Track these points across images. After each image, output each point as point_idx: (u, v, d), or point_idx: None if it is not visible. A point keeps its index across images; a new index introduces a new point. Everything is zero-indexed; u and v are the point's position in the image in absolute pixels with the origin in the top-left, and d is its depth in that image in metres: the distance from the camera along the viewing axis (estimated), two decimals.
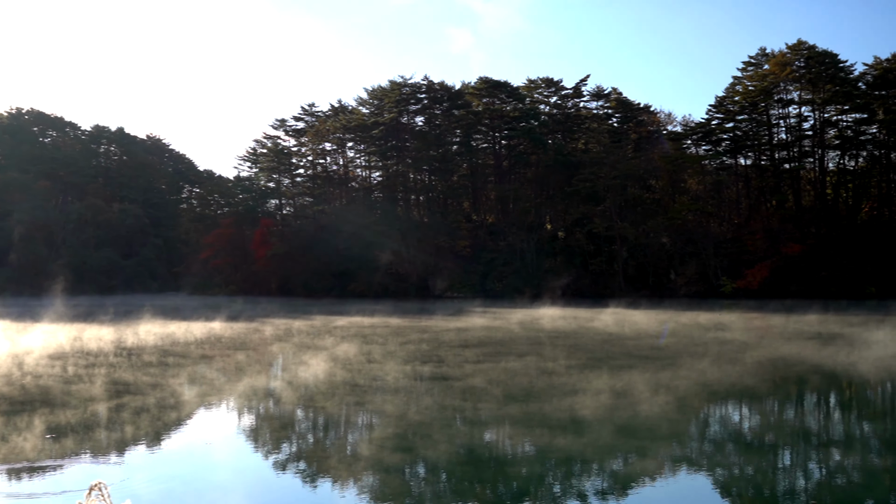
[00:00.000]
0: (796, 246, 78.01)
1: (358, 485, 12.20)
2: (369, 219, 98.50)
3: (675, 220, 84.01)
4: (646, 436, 15.54)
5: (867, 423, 17.79)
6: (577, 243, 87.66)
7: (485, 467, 13.27)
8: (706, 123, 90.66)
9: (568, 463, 13.60)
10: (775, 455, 14.47)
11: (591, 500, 11.56)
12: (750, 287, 76.65)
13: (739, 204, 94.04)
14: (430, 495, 11.92)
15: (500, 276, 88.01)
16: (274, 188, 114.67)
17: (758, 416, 18.60)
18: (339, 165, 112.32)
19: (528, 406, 18.76)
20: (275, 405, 19.31)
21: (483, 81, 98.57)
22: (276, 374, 24.77)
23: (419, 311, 62.62)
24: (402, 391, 21.03)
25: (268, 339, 37.18)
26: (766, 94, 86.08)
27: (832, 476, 13.07)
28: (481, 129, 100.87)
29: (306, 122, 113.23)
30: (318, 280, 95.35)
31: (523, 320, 49.31)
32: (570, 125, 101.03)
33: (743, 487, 12.29)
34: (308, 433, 16.72)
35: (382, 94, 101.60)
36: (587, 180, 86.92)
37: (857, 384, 22.82)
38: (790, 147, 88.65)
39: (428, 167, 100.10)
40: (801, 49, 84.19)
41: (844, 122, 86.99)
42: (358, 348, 31.71)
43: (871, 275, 75.43)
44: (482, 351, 31.03)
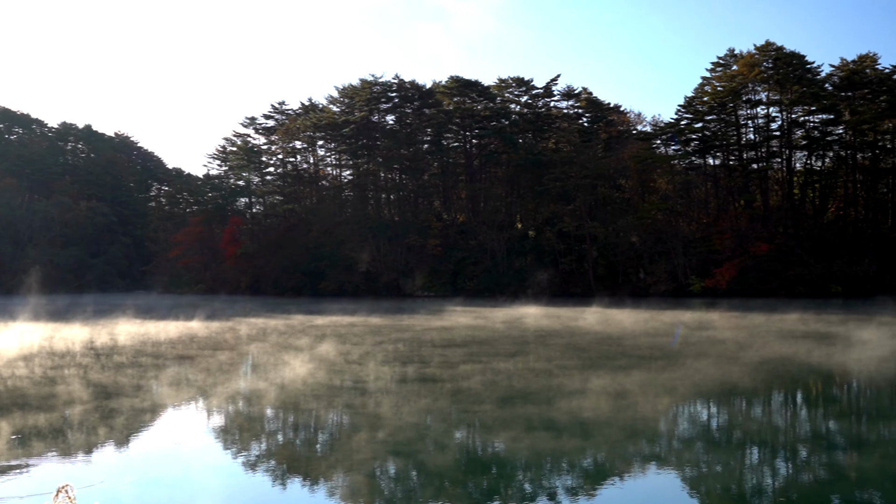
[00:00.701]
0: (764, 245, 78.77)
1: (346, 492, 12.03)
2: (340, 217, 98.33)
3: (644, 220, 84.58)
4: (675, 442, 15.21)
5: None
6: (548, 242, 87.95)
7: (490, 476, 12.79)
8: (675, 123, 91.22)
9: (588, 472, 13.20)
10: (821, 458, 14.15)
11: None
12: (718, 286, 77.34)
13: (708, 204, 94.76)
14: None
15: (470, 275, 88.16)
16: (244, 186, 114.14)
17: (790, 418, 18.26)
18: (309, 164, 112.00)
19: (534, 409, 18.27)
20: (260, 407, 18.91)
21: (454, 80, 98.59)
22: (263, 376, 23.87)
23: (397, 310, 62.30)
24: (393, 394, 20.50)
25: (249, 338, 36.77)
26: (734, 95, 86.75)
27: (863, 477, 12.88)
28: (452, 129, 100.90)
29: (276, 120, 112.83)
30: (287, 279, 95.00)
31: (506, 319, 49.08)
32: (540, 124, 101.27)
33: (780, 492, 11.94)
34: (294, 437, 16.25)
35: (353, 93, 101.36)
36: (557, 179, 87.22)
37: (872, 385, 22.65)
38: (758, 147, 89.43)
39: (399, 166, 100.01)
40: (769, 50, 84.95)
41: (811, 123, 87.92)
42: (342, 348, 31.28)
43: (837, 274, 76.38)
44: (470, 350, 30.69)
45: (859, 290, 75.73)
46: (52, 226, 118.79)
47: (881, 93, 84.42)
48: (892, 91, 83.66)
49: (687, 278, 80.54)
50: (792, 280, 76.80)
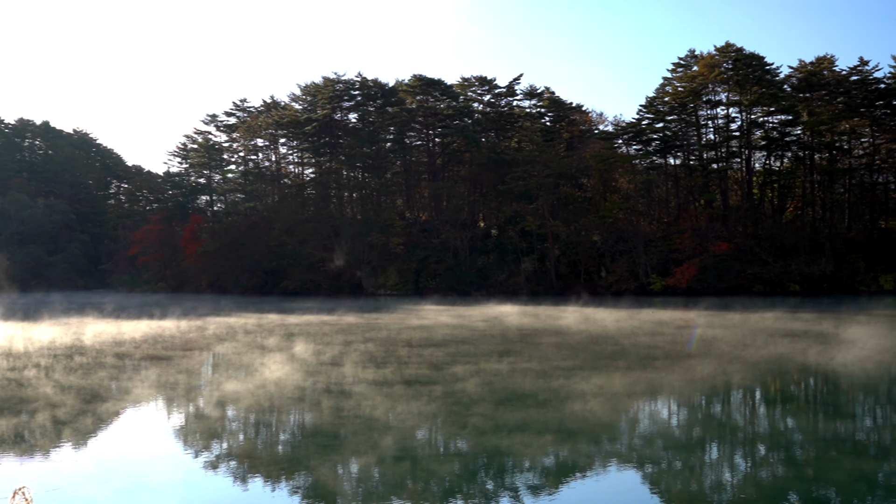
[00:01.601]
0: (723, 244, 79.60)
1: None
2: (302, 216, 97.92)
3: (606, 219, 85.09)
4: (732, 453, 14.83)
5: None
6: (510, 241, 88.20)
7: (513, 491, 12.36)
8: (637, 123, 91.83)
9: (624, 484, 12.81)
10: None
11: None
12: (678, 285, 78.02)
13: (669, 203, 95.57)
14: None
15: (433, 274, 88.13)
16: (205, 184, 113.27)
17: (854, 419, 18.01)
18: (271, 162, 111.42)
19: (545, 412, 17.92)
20: (242, 413, 18.28)
21: (417, 79, 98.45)
22: (245, 379, 23.29)
23: (367, 308, 61.83)
24: (387, 397, 19.90)
25: (225, 338, 36.35)
26: (694, 96, 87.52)
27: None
28: (415, 127, 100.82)
29: (238, 117, 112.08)
30: (249, 277, 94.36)
31: (484, 318, 48.73)
32: (503, 123, 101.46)
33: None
34: (274, 443, 15.64)
35: (316, 91, 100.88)
36: (520, 178, 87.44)
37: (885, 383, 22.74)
38: (718, 147, 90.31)
39: (361, 164, 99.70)
40: (729, 51, 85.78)
41: (770, 124, 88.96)
42: (320, 349, 30.80)
43: (795, 273, 77.42)
44: (458, 350, 30.26)
45: (816, 289, 76.94)
46: (8, 223, 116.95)
47: (838, 94, 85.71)
48: (849, 93, 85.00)
49: (648, 277, 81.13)
50: (751, 279, 77.75)
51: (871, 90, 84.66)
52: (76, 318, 49.59)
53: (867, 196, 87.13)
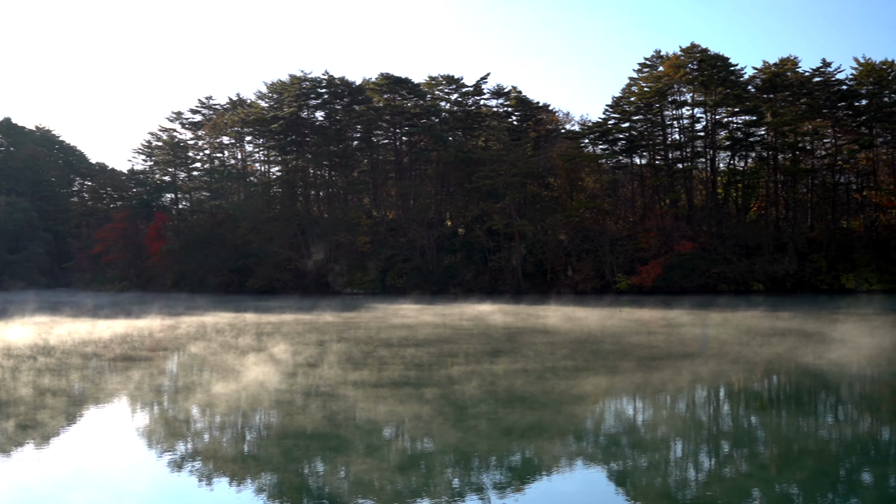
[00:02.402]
0: (688, 244, 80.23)
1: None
2: (268, 214, 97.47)
3: (572, 218, 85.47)
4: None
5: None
6: (477, 240, 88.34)
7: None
8: (603, 123, 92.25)
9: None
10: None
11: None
12: (644, 284, 78.58)
13: (634, 202, 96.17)
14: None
15: (400, 273, 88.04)
16: (170, 182, 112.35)
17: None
18: (237, 160, 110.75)
19: (553, 416, 17.41)
20: (234, 416, 17.54)
21: (384, 77, 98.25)
22: (235, 380, 22.18)
23: (342, 307, 61.18)
24: (384, 401, 19.15)
25: (207, 336, 35.77)
26: (660, 96, 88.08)
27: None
28: (382, 125, 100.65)
29: (203, 115, 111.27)
30: (214, 276, 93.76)
31: (466, 316, 48.14)
32: (470, 122, 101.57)
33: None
34: (281, 456, 14.38)
35: (282, 88, 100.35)
36: (487, 177, 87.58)
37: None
38: (683, 147, 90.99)
39: (328, 162, 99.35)
40: (694, 52, 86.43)
41: (734, 124, 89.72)
42: (307, 349, 30.18)
43: (759, 272, 78.33)
44: (450, 350, 29.70)
45: (779, 288, 77.94)
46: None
47: (801, 95, 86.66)
48: (812, 94, 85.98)
49: (614, 276, 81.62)
50: (715, 278, 78.55)
51: (833, 91, 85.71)
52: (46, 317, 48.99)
53: (829, 196, 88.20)
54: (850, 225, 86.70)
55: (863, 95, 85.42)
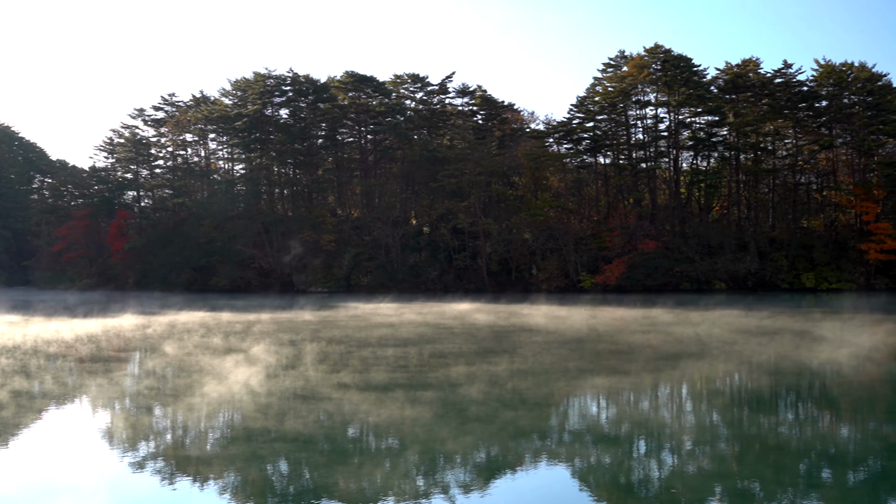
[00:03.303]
0: (652, 243, 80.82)
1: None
2: (231, 212, 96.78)
3: (537, 217, 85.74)
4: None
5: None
6: (442, 238, 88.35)
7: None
8: (567, 123, 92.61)
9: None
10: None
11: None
12: (608, 282, 79.02)
13: (598, 201, 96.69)
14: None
15: (365, 271, 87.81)
16: (132, 179, 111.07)
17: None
18: (200, 157, 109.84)
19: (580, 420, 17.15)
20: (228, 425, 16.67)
21: (349, 75, 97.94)
22: (230, 384, 21.21)
23: (319, 306, 60.44)
24: (386, 406, 18.16)
25: (184, 336, 35.02)
26: (624, 96, 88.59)
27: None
28: (347, 124, 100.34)
29: (166, 112, 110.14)
30: (177, 274, 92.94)
31: (448, 315, 47.56)
32: (435, 121, 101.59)
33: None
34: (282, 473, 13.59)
35: (246, 86, 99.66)
36: (452, 176, 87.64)
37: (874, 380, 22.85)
38: (647, 147, 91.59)
39: (292, 160, 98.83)
40: (658, 52, 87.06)
41: (697, 124, 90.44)
42: (292, 349, 29.39)
43: (721, 271, 79.14)
44: (442, 350, 29.04)
45: (741, 286, 78.83)
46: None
47: (763, 96, 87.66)
48: (773, 95, 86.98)
49: (578, 274, 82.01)
50: (678, 276, 79.32)
51: (794, 92, 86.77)
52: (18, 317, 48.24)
53: (790, 196, 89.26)
54: (811, 224, 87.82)
55: (823, 97, 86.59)
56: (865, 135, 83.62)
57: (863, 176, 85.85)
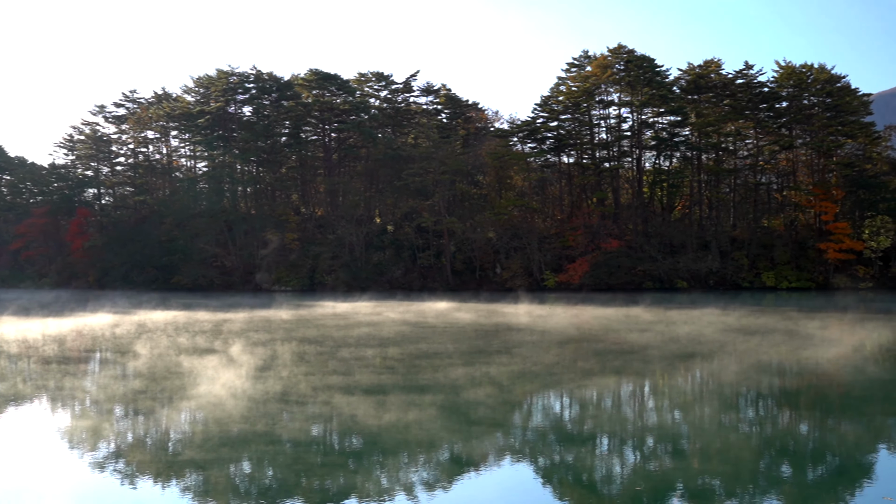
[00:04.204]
0: (615, 242, 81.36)
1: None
2: (194, 210, 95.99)
3: (501, 216, 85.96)
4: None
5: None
6: (406, 237, 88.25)
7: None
8: (531, 122, 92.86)
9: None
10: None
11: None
12: (571, 281, 79.41)
13: (562, 201, 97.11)
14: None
15: (328, 270, 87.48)
16: (92, 177, 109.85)
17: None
18: (162, 154, 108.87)
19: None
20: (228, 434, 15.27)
21: (313, 73, 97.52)
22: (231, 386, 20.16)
23: (294, 304, 59.60)
24: (390, 411, 17.23)
25: (178, 335, 34.42)
26: (588, 95, 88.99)
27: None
28: (311, 122, 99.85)
29: (128, 108, 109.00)
30: (139, 272, 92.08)
31: (429, 314, 46.80)
32: (399, 120, 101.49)
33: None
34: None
35: (209, 83, 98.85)
36: (416, 175, 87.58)
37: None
38: (610, 147, 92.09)
39: (256, 158, 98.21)
40: (621, 53, 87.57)
41: (660, 124, 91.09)
42: (279, 350, 28.52)
43: (683, 270, 79.84)
44: (432, 350, 28.12)
45: (703, 284, 79.55)
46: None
47: (724, 97, 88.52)
48: (735, 95, 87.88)
49: (542, 273, 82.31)
50: (640, 275, 79.90)
51: (755, 93, 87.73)
52: None
53: (751, 196, 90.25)
54: (771, 224, 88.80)
55: (783, 98, 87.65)
56: (824, 136, 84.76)
57: (822, 176, 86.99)
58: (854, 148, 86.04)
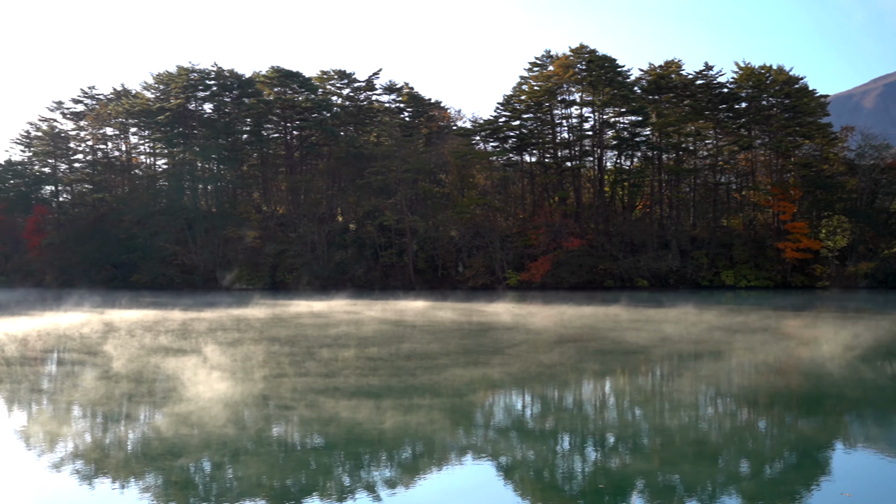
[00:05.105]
0: (576, 241, 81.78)
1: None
2: (154, 208, 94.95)
3: (463, 214, 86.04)
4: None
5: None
6: (368, 235, 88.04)
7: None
8: (494, 121, 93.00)
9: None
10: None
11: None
12: (533, 280, 79.73)
13: (524, 200, 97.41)
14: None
15: (290, 268, 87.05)
16: (49, 174, 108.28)
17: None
18: (121, 152, 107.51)
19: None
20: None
21: (275, 70, 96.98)
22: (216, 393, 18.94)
23: (268, 303, 58.50)
24: (394, 418, 16.10)
25: (162, 335, 33.13)
26: (550, 95, 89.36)
27: None
28: (273, 119, 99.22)
29: (86, 105, 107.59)
30: (97, 271, 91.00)
31: (409, 313, 46.07)
32: (362, 118, 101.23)
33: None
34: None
35: (169, 79, 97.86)
36: (379, 173, 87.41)
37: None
38: (572, 146, 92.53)
39: (217, 156, 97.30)
40: (583, 53, 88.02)
41: (621, 124, 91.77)
42: (261, 351, 27.23)
43: (643, 269, 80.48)
44: (422, 350, 26.99)
45: (663, 283, 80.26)
46: None
47: (685, 97, 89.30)
48: (695, 96, 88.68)
49: (504, 272, 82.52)
50: (602, 274, 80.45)
51: (715, 94, 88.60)
52: None
53: (710, 195, 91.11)
54: (730, 223, 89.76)
55: (743, 98, 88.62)
56: (783, 136, 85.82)
57: (780, 176, 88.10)
58: (811, 149, 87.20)
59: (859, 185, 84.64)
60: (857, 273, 78.13)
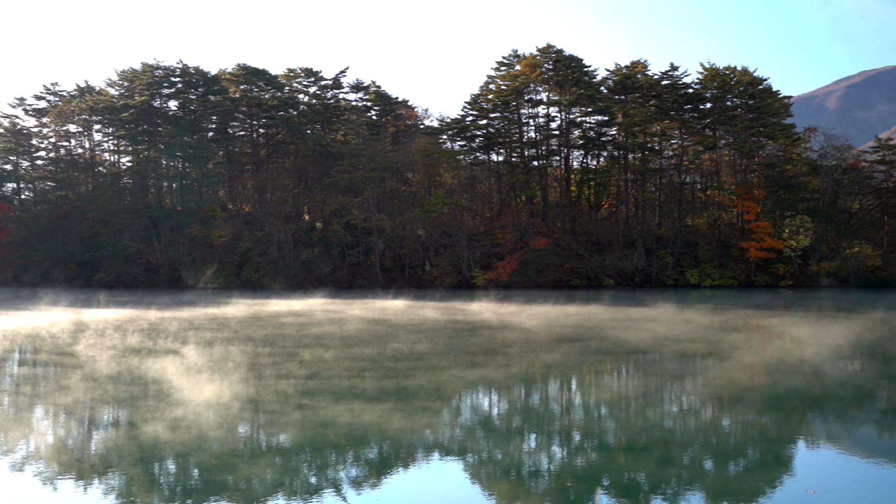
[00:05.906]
0: (543, 240, 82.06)
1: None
2: (117, 206, 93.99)
3: (430, 213, 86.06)
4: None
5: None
6: (335, 234, 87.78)
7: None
8: (461, 120, 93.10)
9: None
10: None
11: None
12: (500, 279, 79.88)
13: (491, 199, 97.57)
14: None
15: (256, 267, 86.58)
16: (11, 171, 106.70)
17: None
18: (84, 149, 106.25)
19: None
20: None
21: (241, 68, 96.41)
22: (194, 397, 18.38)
23: (246, 302, 57.87)
24: (395, 417, 15.83)
25: (148, 336, 32.56)
26: (517, 94, 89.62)
27: None
28: (238, 117, 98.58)
29: (49, 101, 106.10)
30: (60, 269, 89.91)
31: (391, 312, 45.47)
32: (329, 116, 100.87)
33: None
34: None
35: (133, 76, 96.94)
36: (346, 172, 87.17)
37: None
38: (539, 145, 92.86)
39: (182, 153, 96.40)
40: (550, 52, 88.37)
41: (588, 124, 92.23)
42: (246, 352, 26.78)
43: (609, 268, 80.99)
44: (415, 351, 26.52)
45: (628, 282, 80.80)
46: None
47: (651, 97, 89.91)
48: (661, 96, 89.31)
49: (471, 271, 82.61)
50: (568, 273, 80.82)
51: (680, 94, 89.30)
52: None
53: (676, 195, 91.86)
54: (695, 223, 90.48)
55: (707, 99, 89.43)
56: (747, 137, 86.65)
57: (744, 176, 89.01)
58: (775, 149, 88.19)
59: (822, 185, 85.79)
60: (819, 272, 79.19)
